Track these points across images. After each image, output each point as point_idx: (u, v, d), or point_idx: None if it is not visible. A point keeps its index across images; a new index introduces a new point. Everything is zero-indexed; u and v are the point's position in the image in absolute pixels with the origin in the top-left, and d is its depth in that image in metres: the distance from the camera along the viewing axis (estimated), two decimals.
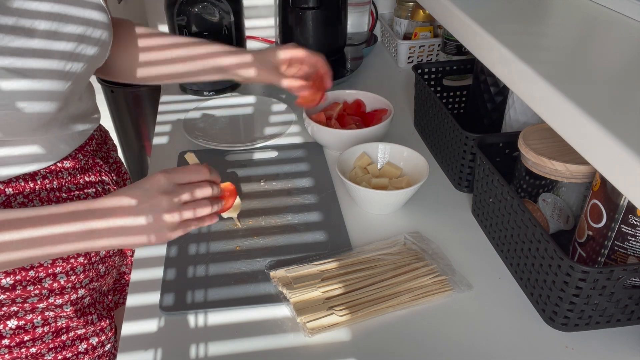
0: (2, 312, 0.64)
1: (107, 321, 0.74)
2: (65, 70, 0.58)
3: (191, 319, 0.64)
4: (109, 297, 0.78)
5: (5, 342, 0.65)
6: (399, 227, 0.78)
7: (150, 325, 0.64)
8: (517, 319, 0.64)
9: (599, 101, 0.40)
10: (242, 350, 0.61)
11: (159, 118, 1.07)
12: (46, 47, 0.55)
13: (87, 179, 0.70)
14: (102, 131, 0.81)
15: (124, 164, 0.85)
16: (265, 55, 0.80)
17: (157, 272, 0.70)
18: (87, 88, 0.71)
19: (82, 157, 0.70)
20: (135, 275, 0.70)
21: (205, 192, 0.60)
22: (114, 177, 0.77)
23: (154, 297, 0.67)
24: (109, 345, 0.74)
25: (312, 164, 0.91)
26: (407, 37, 1.28)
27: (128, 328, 0.63)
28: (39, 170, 0.64)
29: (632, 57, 0.47)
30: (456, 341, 0.61)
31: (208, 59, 0.78)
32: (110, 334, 0.74)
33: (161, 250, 0.74)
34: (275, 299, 0.66)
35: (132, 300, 0.67)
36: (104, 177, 0.73)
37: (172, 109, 1.10)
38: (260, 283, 0.68)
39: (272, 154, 0.94)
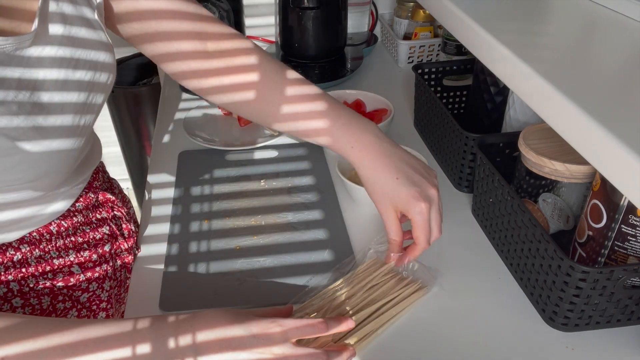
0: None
1: None
2: (80, 125, 0.55)
3: None
4: None
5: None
6: None
7: None
8: (517, 319, 0.64)
9: (599, 101, 0.40)
10: None
11: (159, 118, 1.07)
12: (58, 101, 0.51)
13: (98, 216, 0.69)
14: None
15: (127, 195, 0.83)
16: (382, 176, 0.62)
17: (158, 272, 0.70)
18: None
19: (92, 195, 0.68)
20: (136, 275, 0.70)
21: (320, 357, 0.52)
22: (125, 211, 0.74)
23: (154, 297, 0.66)
24: None
25: (312, 163, 0.91)
26: (407, 37, 1.28)
27: None
28: (52, 221, 0.61)
29: (632, 57, 0.47)
30: (456, 341, 0.61)
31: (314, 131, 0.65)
32: None
33: (161, 250, 0.73)
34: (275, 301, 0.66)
35: (132, 299, 0.67)
36: (116, 213, 0.72)
37: (172, 109, 1.10)
38: (261, 284, 0.68)
39: (273, 154, 0.94)
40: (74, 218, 0.64)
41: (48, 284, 0.62)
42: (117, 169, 1.89)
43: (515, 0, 0.61)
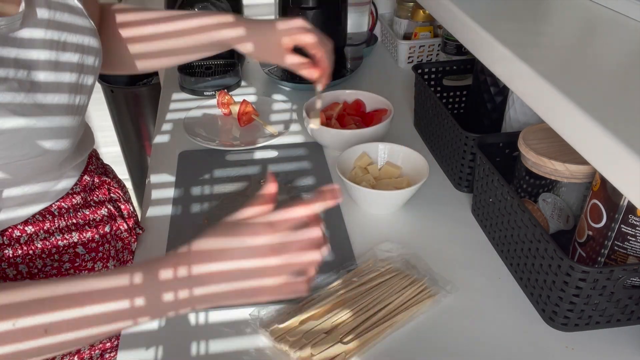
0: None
1: None
2: (75, 104, 0.57)
3: (192, 317, 0.64)
4: None
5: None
6: (399, 227, 0.78)
7: (150, 324, 0.64)
8: (517, 319, 0.64)
9: (598, 100, 0.40)
10: (243, 348, 0.61)
11: (159, 118, 1.07)
12: (54, 80, 0.53)
13: (96, 198, 0.70)
14: None
15: (118, 176, 0.84)
16: (265, 33, 0.72)
17: None
18: None
19: (88, 178, 0.69)
20: None
21: (315, 232, 0.49)
22: (121, 192, 0.76)
23: None
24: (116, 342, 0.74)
25: (312, 163, 0.91)
26: (407, 37, 1.28)
27: None
28: (54, 202, 0.63)
29: (632, 57, 0.47)
30: (456, 341, 0.61)
31: (201, 33, 0.72)
32: None
33: (161, 250, 0.74)
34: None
35: None
36: (112, 195, 0.73)
37: (172, 109, 1.10)
38: None
39: (272, 154, 0.94)
40: (73, 200, 0.66)
41: (55, 265, 0.64)
42: (117, 169, 1.86)
43: (515, 0, 0.61)
